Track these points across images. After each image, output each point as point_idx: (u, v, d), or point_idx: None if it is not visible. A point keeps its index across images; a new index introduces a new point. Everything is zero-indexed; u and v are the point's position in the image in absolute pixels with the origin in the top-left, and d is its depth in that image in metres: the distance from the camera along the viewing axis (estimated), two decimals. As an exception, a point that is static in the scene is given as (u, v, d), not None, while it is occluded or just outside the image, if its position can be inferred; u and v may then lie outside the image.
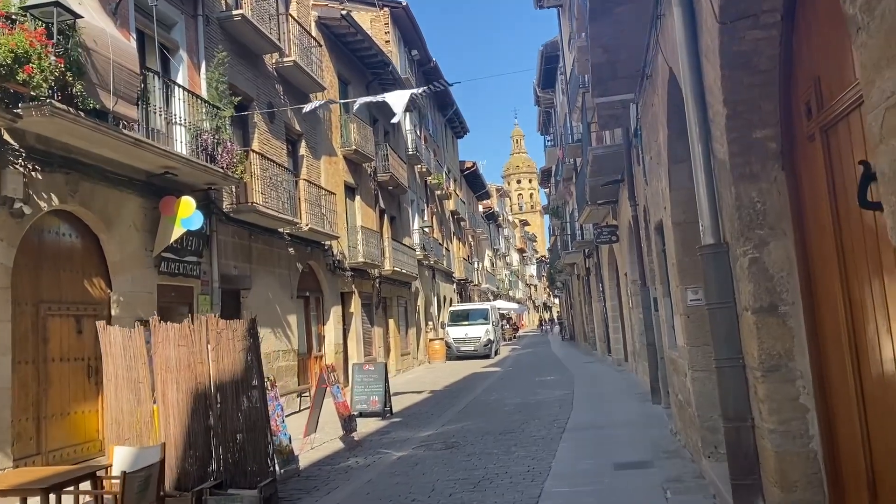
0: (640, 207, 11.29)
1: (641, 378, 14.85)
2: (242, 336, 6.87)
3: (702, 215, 4.16)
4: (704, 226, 4.10)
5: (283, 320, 15.17)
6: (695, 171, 4.13)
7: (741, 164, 3.60)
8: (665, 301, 8.12)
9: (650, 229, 8.76)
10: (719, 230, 4.01)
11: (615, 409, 11.73)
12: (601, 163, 13.25)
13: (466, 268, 42.84)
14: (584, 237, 23.85)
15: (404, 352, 25.25)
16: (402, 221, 26.34)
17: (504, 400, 14.63)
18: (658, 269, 8.26)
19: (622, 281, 17.69)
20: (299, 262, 16.26)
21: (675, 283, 6.78)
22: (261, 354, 7.11)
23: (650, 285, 11.40)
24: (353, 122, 20.09)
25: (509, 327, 56.40)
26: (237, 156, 12.05)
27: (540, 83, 33.04)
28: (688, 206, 6.47)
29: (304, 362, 16.80)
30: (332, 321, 18.01)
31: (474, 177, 49.19)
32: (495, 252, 67.33)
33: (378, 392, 13.31)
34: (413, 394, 17.08)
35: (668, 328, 8.12)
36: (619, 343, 20.58)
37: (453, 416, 12.88)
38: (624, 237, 15.43)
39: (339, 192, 19.12)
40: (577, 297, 35.50)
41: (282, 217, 14.23)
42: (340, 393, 10.36)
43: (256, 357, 6.91)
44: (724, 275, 3.95)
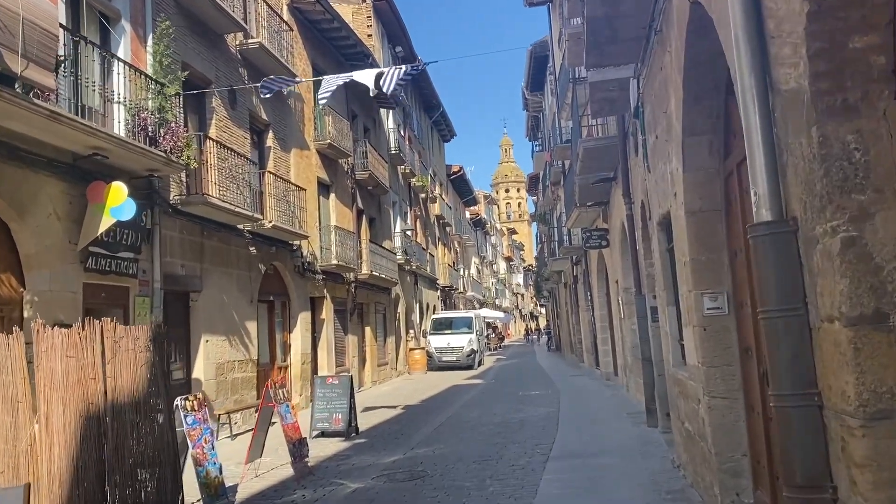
0: (637, 205, 9.99)
1: (634, 396, 13.53)
2: (145, 346, 5.47)
3: (755, 179, 2.85)
4: (759, 195, 2.79)
5: (241, 327, 13.75)
6: (745, 114, 2.83)
7: (829, 92, 2.31)
8: (669, 311, 6.81)
9: (651, 226, 7.46)
10: (780, 201, 2.71)
11: (606, 433, 10.40)
12: (592, 158, 11.97)
13: (451, 274, 41.50)
14: (572, 243, 22.57)
15: (381, 362, 23.84)
16: (382, 224, 24.98)
17: (483, 418, 13.26)
18: (661, 273, 6.95)
19: (612, 289, 16.40)
20: (262, 263, 14.85)
21: (686, 287, 5.47)
22: (166, 369, 5.71)
23: (646, 293, 10.10)
24: (329, 114, 18.74)
25: (495, 336, 55.12)
26: (184, 140, 10.66)
27: (528, 85, 31.84)
28: (706, 189, 5.16)
29: (265, 373, 15.35)
30: (299, 328, 16.60)
31: (461, 182, 47.94)
32: (482, 260, 66.05)
33: (342, 409, 11.91)
34: (386, 409, 15.69)
35: (673, 342, 6.81)
36: (609, 356, 19.28)
37: (425, 436, 11.50)
38: (615, 241, 14.15)
39: (310, 189, 17.73)
40: (563, 307, 34.22)
41: (239, 212, 12.84)
42: (290, 413, 8.96)
43: (162, 372, 5.51)
44: (790, 266, 2.64)
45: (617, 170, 12.51)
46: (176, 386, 11.96)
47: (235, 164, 13.44)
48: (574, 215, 17.26)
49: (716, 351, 5.13)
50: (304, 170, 17.55)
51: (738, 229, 4.85)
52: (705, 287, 5.18)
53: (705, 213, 5.18)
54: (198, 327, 12.35)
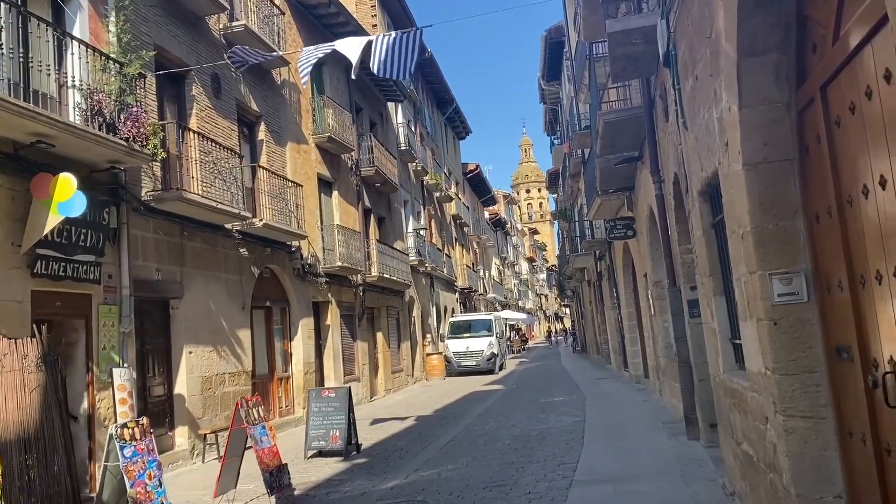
0: (668, 182, 8.58)
1: (669, 402, 12.08)
2: (35, 365, 4.20)
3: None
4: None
5: (232, 336, 12.51)
6: None
7: None
8: (718, 302, 5.42)
9: (690, 200, 6.07)
10: None
11: (638, 448, 8.97)
12: (614, 133, 10.56)
13: (470, 276, 40.11)
14: (595, 236, 21.11)
15: (396, 369, 22.54)
16: (393, 223, 23.71)
17: (500, 430, 11.89)
18: (705, 256, 5.56)
19: (640, 283, 14.95)
20: (255, 266, 13.62)
21: (746, 268, 4.08)
22: (61, 396, 4.43)
23: (682, 284, 8.68)
24: (329, 106, 17.51)
25: (518, 339, 53.68)
26: (150, 127, 9.44)
27: (544, 75, 30.48)
28: (772, 131, 3.78)
29: (263, 385, 14.14)
30: (301, 336, 15.35)
31: (478, 181, 46.59)
32: (503, 261, 64.59)
33: (340, 425, 10.61)
34: (395, 421, 14.37)
35: (724, 342, 5.41)
36: (638, 357, 17.79)
37: (433, 454, 10.17)
38: (643, 230, 12.72)
39: (310, 186, 16.50)
40: (588, 306, 32.70)
41: (224, 209, 11.61)
42: (268, 435, 7.66)
43: (57, 401, 4.24)
44: None
45: (643, 147, 11.10)
46: (156, 403, 10.80)
47: (220, 158, 12.24)
48: (596, 205, 15.82)
49: (792, 353, 3.74)
50: (303, 165, 16.32)
51: (821, 183, 3.47)
52: (774, 266, 3.80)
53: (772, 164, 3.80)
54: (179, 338, 11.13)
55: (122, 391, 9.22)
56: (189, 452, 10.95)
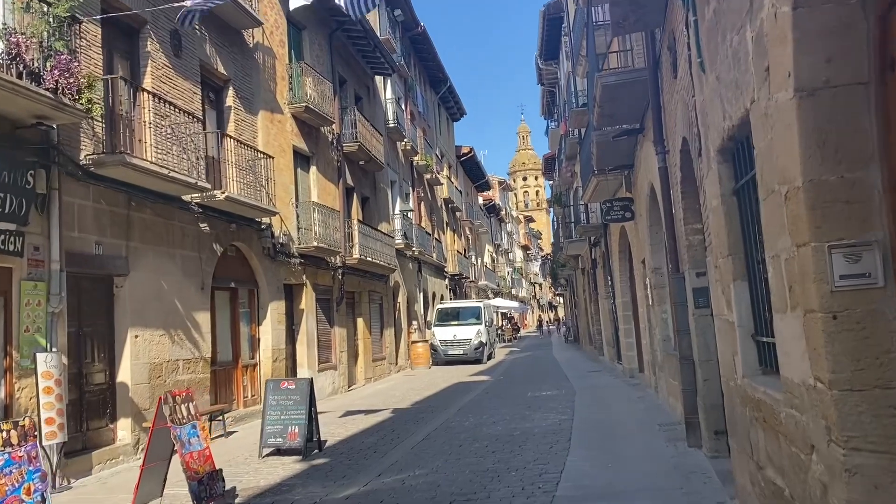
0: (674, 153, 7.45)
1: (666, 400, 11.01)
2: None
3: None
4: None
5: (188, 319, 11.38)
6: None
7: None
8: (738, 289, 4.30)
9: (705, 163, 4.94)
10: None
11: (632, 455, 7.89)
12: (614, 100, 9.40)
13: (461, 262, 38.96)
14: (590, 221, 20.00)
15: (377, 357, 21.44)
16: (378, 204, 22.53)
17: (480, 428, 10.80)
18: (724, 231, 4.44)
19: (637, 271, 13.85)
20: (218, 243, 12.47)
21: (792, 239, 2.96)
22: None
23: (687, 270, 7.56)
24: (308, 74, 16.28)
25: (510, 327, 52.69)
26: (85, 79, 8.26)
27: (542, 53, 29.22)
28: (837, 44, 2.65)
29: (226, 374, 13.02)
30: (270, 320, 14.21)
31: (472, 165, 45.34)
32: (497, 248, 63.46)
33: (299, 420, 9.50)
34: (369, 414, 13.28)
35: (745, 338, 4.31)
36: (632, 350, 16.73)
37: (402, 455, 9.07)
38: (642, 211, 11.60)
39: (284, 159, 15.32)
40: (581, 295, 31.64)
41: (177, 178, 10.43)
42: (199, 436, 6.53)
43: None
44: None
45: (644, 117, 9.96)
46: (94, 392, 9.67)
47: (179, 123, 11.07)
48: (592, 185, 14.68)
49: (860, 359, 2.64)
50: (276, 137, 15.13)
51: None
52: (836, 235, 2.69)
53: (837, 89, 2.68)
54: (124, 320, 9.99)
55: (48, 379, 8.07)
56: (132, 447, 9.83)
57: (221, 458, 9.61)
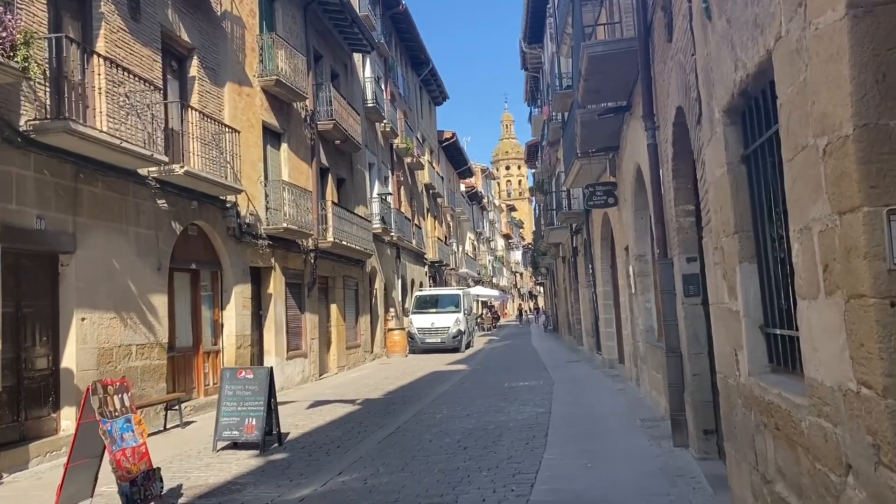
0: (667, 126, 6.84)
1: (648, 393, 10.46)
2: None
3: None
4: None
5: (142, 301, 10.64)
6: None
7: None
8: (744, 272, 3.69)
9: (708, 126, 4.30)
10: None
11: (614, 454, 7.31)
12: (601, 73, 8.76)
13: (442, 249, 38.32)
14: (572, 207, 19.42)
15: (351, 344, 20.76)
16: (355, 186, 21.79)
17: (453, 421, 10.20)
18: (730, 205, 3.82)
19: (619, 258, 13.27)
20: (177, 221, 11.71)
21: (832, 206, 2.35)
22: None
23: (676, 255, 6.96)
24: (281, 46, 15.48)
25: (490, 316, 52.22)
26: (17, 34, 7.48)
27: (526, 36, 28.50)
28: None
29: (186, 360, 12.31)
30: (234, 304, 13.48)
31: (455, 150, 44.63)
32: (478, 236, 62.91)
33: (257, 412, 8.82)
34: (338, 405, 12.63)
35: (752, 330, 3.70)
36: (613, 340, 16.21)
37: (368, 451, 8.44)
38: (627, 196, 11.01)
39: (252, 134, 14.55)
40: (561, 284, 31.13)
41: (129, 148, 9.65)
42: (133, 431, 5.84)
43: None
44: None
45: (632, 94, 9.35)
46: (35, 379, 8.91)
47: (136, 91, 10.29)
48: (575, 170, 14.09)
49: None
50: (244, 111, 14.34)
51: None
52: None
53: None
54: (69, 301, 9.24)
55: (-23, 364, 7.33)
56: (77, 438, 9.10)
57: (173, 451, 8.97)
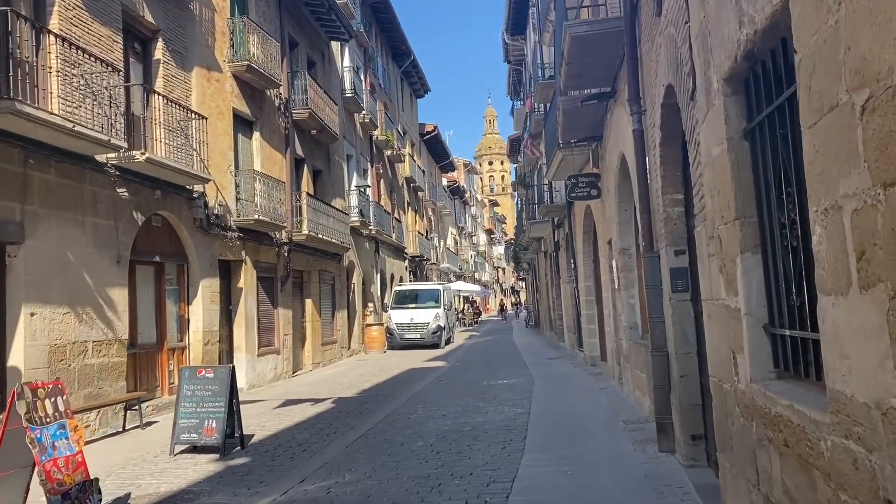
0: (654, 109, 6.39)
1: (631, 393, 10.04)
2: None
3: None
4: None
5: (100, 295, 10.05)
6: None
7: None
8: (745, 264, 3.24)
9: (705, 99, 3.84)
10: None
11: (596, 460, 6.86)
12: (584, 56, 8.31)
13: (423, 244, 37.78)
14: (554, 200, 19.00)
15: (327, 340, 20.21)
16: (332, 178, 21.21)
17: (428, 422, 9.72)
18: (730, 187, 3.37)
19: (602, 252, 12.84)
20: (139, 211, 11.12)
21: (882, 172, 1.86)
22: None
23: (664, 248, 6.51)
24: (253, 31, 14.88)
25: (471, 311, 51.79)
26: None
27: (509, 27, 28.03)
28: None
29: (149, 357, 11.73)
30: (202, 299, 12.91)
31: (436, 144, 44.05)
32: (460, 231, 62.44)
33: (217, 413, 8.30)
34: (309, 404, 12.12)
35: (753, 330, 3.25)
36: (595, 337, 15.81)
37: (335, 455, 7.95)
38: (610, 187, 10.57)
39: (222, 122, 13.95)
40: (543, 279, 30.75)
41: (85, 133, 9.06)
42: (68, 438, 5.29)
43: None
44: None
45: (616, 78, 8.90)
46: (-22, 379, 8.33)
47: (94, 73, 9.69)
48: (557, 160, 13.65)
49: None
50: (214, 97, 13.74)
51: None
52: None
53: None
54: (17, 294, 8.65)
55: None
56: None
57: (128, 455, 8.43)
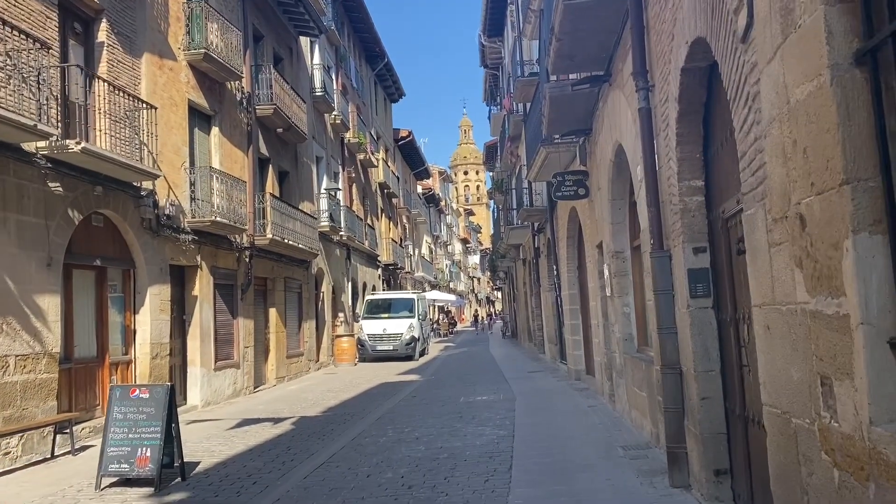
0: (671, 79, 5.38)
1: (626, 413, 9.00)
2: None
3: None
4: None
5: (26, 303, 8.81)
6: None
7: None
8: (861, 247, 2.19)
9: (781, 21, 2.78)
10: None
11: (601, 501, 5.79)
12: (579, 30, 7.29)
13: (397, 251, 36.63)
14: (534, 204, 18.02)
15: (293, 353, 18.96)
16: (300, 181, 20.03)
17: (398, 448, 8.59)
18: (838, 134, 2.29)
19: (589, 257, 11.84)
20: (76, 209, 9.90)
21: None
22: None
23: (680, 244, 5.49)
24: (213, 19, 13.71)
25: (446, 321, 50.72)
26: None
27: (486, 29, 27.17)
28: None
29: (86, 373, 10.46)
30: (150, 308, 11.66)
31: (411, 150, 42.98)
32: (435, 239, 61.37)
33: (152, 440, 7.11)
34: (268, 424, 10.94)
35: (874, 347, 2.23)
36: (580, 349, 14.77)
37: (289, 490, 6.79)
38: (602, 184, 9.57)
39: (176, 114, 12.76)
40: (521, 288, 29.76)
41: (5, 116, 7.85)
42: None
43: None
44: None
45: (613, 59, 7.91)
46: None
47: (20, 51, 8.50)
48: (540, 159, 12.65)
49: None
50: (167, 86, 12.54)
51: None
52: None
53: None
54: (-82, 302, 7.40)
55: None
56: (-76, 475, 7.27)
57: (49, 488, 7.23)
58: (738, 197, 3.82)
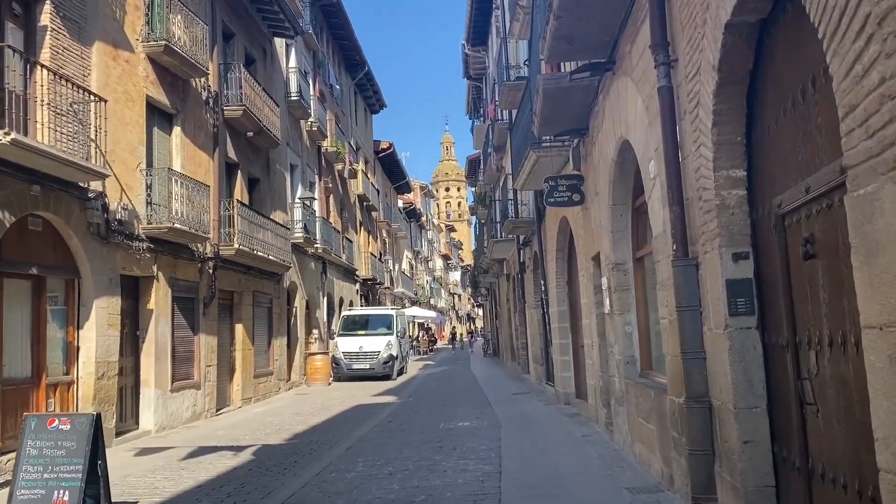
0: (706, 50, 4.40)
1: (628, 446, 7.94)
2: None
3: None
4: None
5: (-62, 316, 7.61)
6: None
7: None
8: None
9: None
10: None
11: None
12: (580, 6, 6.32)
13: (376, 266, 35.47)
14: (520, 215, 17.04)
15: (262, 372, 17.74)
16: (272, 189, 18.92)
17: (368, 484, 7.47)
18: None
19: (583, 272, 10.83)
20: (7, 210, 8.73)
21: None
22: None
23: (717, 250, 4.48)
24: (177, 10, 12.64)
25: (426, 339, 49.59)
26: None
27: (470, 38, 26.36)
28: None
29: (18, 396, 9.23)
30: (96, 322, 10.46)
31: (392, 163, 41.99)
32: (416, 254, 60.30)
33: (72, 481, 5.95)
34: (225, 453, 9.77)
35: None
36: (569, 370, 13.72)
37: (235, 540, 5.65)
38: (601, 187, 8.59)
39: (132, 110, 11.64)
40: (504, 304, 28.74)
41: None
42: None
43: None
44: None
45: (617, 43, 6.96)
46: None
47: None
48: (529, 164, 11.69)
49: None
50: (121, 80, 11.43)
51: None
52: None
53: None
54: None
55: None
56: None
57: None
58: (831, 176, 2.81)
